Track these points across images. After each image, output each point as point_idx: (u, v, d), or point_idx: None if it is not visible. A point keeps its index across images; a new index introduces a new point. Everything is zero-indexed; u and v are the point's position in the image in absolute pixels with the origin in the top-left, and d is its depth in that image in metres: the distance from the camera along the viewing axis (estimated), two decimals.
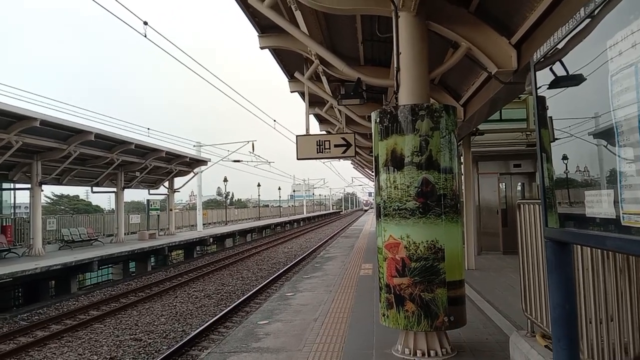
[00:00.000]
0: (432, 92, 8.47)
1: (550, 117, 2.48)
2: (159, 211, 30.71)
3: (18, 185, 20.57)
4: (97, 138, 18.61)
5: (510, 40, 5.95)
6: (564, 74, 2.30)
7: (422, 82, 5.51)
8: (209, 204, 73.79)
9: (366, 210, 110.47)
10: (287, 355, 5.51)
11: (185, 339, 9.47)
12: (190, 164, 29.37)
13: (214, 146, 35.73)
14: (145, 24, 13.10)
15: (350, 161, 32.78)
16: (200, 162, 30.78)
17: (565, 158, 2.38)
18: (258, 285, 15.54)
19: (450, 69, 6.89)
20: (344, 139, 10.79)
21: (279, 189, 78.47)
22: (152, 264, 23.39)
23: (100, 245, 22.43)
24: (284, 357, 5.46)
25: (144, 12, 14.85)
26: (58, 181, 21.69)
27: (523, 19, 5.55)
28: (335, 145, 10.64)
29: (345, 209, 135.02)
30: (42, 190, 19.45)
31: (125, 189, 25.36)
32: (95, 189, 24.94)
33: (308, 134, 11.16)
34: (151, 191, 29.68)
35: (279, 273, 18.04)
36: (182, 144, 61.08)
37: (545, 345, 3.81)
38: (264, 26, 9.22)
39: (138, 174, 25.15)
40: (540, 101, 2.52)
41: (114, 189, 25.13)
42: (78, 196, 65.82)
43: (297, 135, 10.85)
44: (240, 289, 15.67)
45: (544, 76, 2.50)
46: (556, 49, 2.33)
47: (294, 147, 10.83)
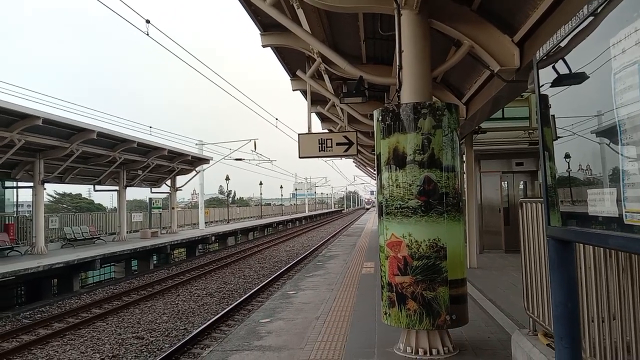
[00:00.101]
0: (435, 91, 8.46)
1: (553, 116, 2.47)
2: (161, 209, 30.74)
3: (20, 184, 20.64)
4: (100, 136, 18.63)
5: (512, 38, 5.94)
6: (567, 72, 2.29)
7: (425, 80, 5.50)
8: (211, 203, 73.92)
9: (368, 209, 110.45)
10: (289, 354, 5.51)
11: (188, 337, 9.49)
12: (193, 162, 29.38)
13: (216, 145, 35.73)
14: (148, 22, 13.11)
15: (352, 159, 32.81)
16: (203, 161, 30.79)
17: (567, 156, 2.37)
18: (260, 284, 15.56)
19: (453, 67, 6.87)
20: (346, 137, 10.78)
21: (281, 187, 78.47)
22: (155, 262, 23.41)
23: (103, 244, 22.47)
24: (286, 356, 5.46)
25: (145, 11, 14.83)
26: (60, 179, 21.72)
27: (526, 17, 5.53)
28: (338, 144, 10.63)
29: (347, 208, 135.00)
30: (45, 189, 19.50)
31: (127, 188, 25.37)
32: (97, 187, 24.95)
33: (310, 132, 11.15)
34: (153, 189, 29.71)
35: (281, 271, 18.05)
36: (184, 142, 61.18)
37: (548, 344, 3.81)
38: (266, 24, 9.22)
39: (140, 172, 25.18)
40: (543, 99, 2.52)
41: (116, 188, 25.15)
42: (80, 194, 65.99)
43: (299, 134, 10.85)
44: (242, 288, 15.69)
45: (546, 74, 2.49)
46: (559, 47, 2.32)
47: (296, 146, 10.83)
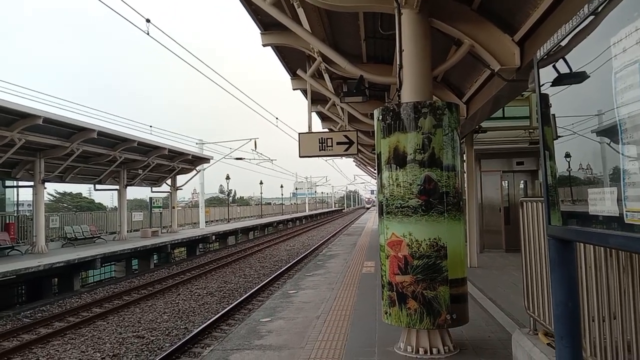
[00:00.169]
0: (435, 90, 8.46)
1: (554, 115, 2.47)
2: (161, 209, 30.75)
3: (21, 183, 20.65)
4: (100, 136, 18.64)
5: (513, 37, 5.94)
6: (567, 71, 2.29)
7: (425, 80, 5.50)
8: (212, 202, 73.94)
9: (368, 208, 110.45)
10: (290, 353, 5.52)
11: (188, 337, 9.50)
12: (193, 161, 29.40)
13: (216, 144, 35.68)
14: (148, 21, 13.11)
15: (352, 159, 32.79)
16: (203, 160, 30.81)
17: (568, 156, 2.37)
18: (260, 283, 15.56)
19: (453, 67, 6.88)
20: (346, 136, 10.79)
21: (281, 186, 78.47)
22: (155, 261, 23.43)
23: (103, 243, 22.49)
24: (287, 355, 5.47)
25: (145, 11, 14.84)
26: (61, 179, 21.74)
27: (526, 16, 5.53)
28: (338, 143, 10.64)
29: (347, 207, 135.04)
30: (45, 188, 19.54)
31: (127, 187, 25.39)
32: (98, 186, 24.96)
33: (310, 132, 11.16)
34: (154, 189, 29.72)
35: (281, 271, 18.06)
36: (185, 141, 61.17)
37: (548, 343, 3.81)
38: (266, 23, 9.22)
39: (141, 171, 25.19)
40: (544, 99, 2.52)
41: (117, 187, 25.16)
42: (81, 194, 66.06)
43: (300, 133, 10.85)
44: (242, 287, 15.69)
45: (547, 73, 2.49)
46: (559, 46, 2.32)
47: (296, 145, 10.84)
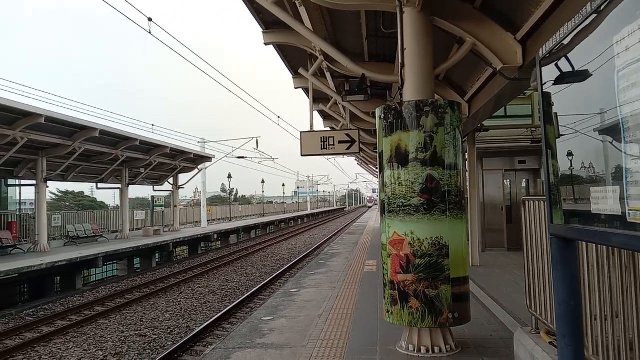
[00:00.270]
0: (437, 88, 8.45)
1: (556, 113, 2.47)
2: (163, 207, 30.79)
3: (23, 182, 20.67)
4: (102, 134, 18.65)
5: (515, 36, 5.92)
6: (570, 69, 2.29)
7: (427, 78, 5.49)
8: (213, 201, 73.95)
9: (370, 207, 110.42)
10: (292, 351, 5.52)
11: (190, 335, 9.52)
12: (195, 160, 29.42)
13: (218, 143, 35.80)
14: (150, 20, 13.12)
15: (354, 157, 32.79)
16: (205, 159, 30.83)
17: (570, 154, 2.36)
18: (262, 282, 15.57)
19: (455, 65, 6.87)
20: (348, 135, 10.79)
21: (283, 185, 78.57)
22: (157, 260, 23.47)
23: (105, 242, 22.54)
24: (289, 353, 5.47)
25: (147, 10, 14.84)
26: (63, 177, 21.77)
27: (528, 15, 5.52)
28: (340, 142, 10.65)
29: (349, 206, 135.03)
30: (47, 187, 19.57)
31: (129, 186, 25.42)
32: (100, 185, 25.01)
33: (312, 131, 11.16)
34: (156, 187, 29.76)
35: (283, 269, 18.07)
36: (187, 140, 61.20)
37: (550, 342, 3.81)
38: (268, 22, 9.21)
39: (143, 170, 25.20)
40: (546, 97, 2.51)
41: (119, 186, 25.19)
42: (83, 192, 66.05)
43: (302, 132, 10.86)
44: (244, 285, 15.71)
45: (549, 72, 2.48)
46: (562, 44, 2.32)
47: (298, 144, 10.84)
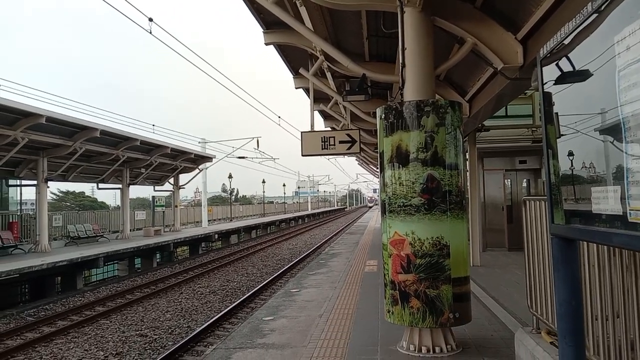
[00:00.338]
0: (438, 88, 8.44)
1: (557, 113, 2.47)
2: (164, 207, 30.79)
3: (24, 182, 20.68)
4: (103, 134, 18.66)
5: (516, 35, 5.92)
6: (571, 69, 2.29)
7: (428, 78, 5.49)
8: (214, 201, 73.95)
9: (370, 207, 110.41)
10: (292, 351, 5.52)
11: (191, 335, 9.52)
12: (195, 160, 29.43)
13: (218, 143, 35.81)
14: (151, 20, 13.12)
15: (355, 158, 32.78)
16: (205, 159, 30.84)
17: (571, 154, 2.36)
18: (263, 282, 15.58)
19: (456, 65, 6.86)
20: (348, 135, 10.79)
21: (284, 185, 78.56)
22: (158, 260, 23.48)
23: (106, 242, 22.54)
24: (289, 353, 5.47)
25: (148, 10, 14.85)
26: (64, 178, 21.78)
27: (529, 15, 5.51)
28: (340, 142, 10.64)
29: (349, 206, 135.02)
30: (48, 187, 19.57)
31: (130, 186, 25.42)
32: (100, 185, 25.01)
33: (313, 131, 11.16)
34: (156, 188, 29.76)
35: (283, 269, 18.07)
36: (187, 140, 61.21)
37: (551, 342, 3.80)
38: (268, 22, 9.22)
39: (143, 170, 25.21)
40: (547, 97, 2.51)
41: (120, 186, 25.20)
42: (84, 193, 66.08)
43: (302, 132, 10.86)
44: (245, 285, 15.72)
45: (550, 72, 2.48)
46: (562, 44, 2.32)
47: (298, 144, 10.84)
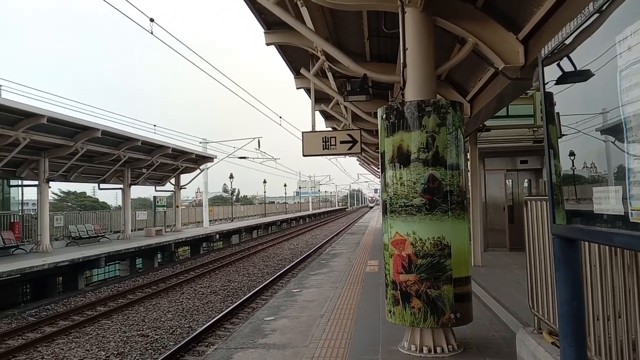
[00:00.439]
0: (439, 88, 8.44)
1: (558, 113, 2.46)
2: (165, 208, 30.82)
3: (25, 182, 20.69)
4: (104, 135, 18.68)
5: (517, 35, 5.92)
6: (572, 69, 2.28)
7: (429, 78, 5.49)
8: (215, 201, 74.02)
9: (371, 207, 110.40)
10: (294, 352, 5.52)
11: (192, 335, 9.52)
12: (197, 160, 29.45)
13: (220, 143, 35.80)
14: (152, 20, 13.12)
15: (356, 158, 32.78)
16: (207, 159, 30.86)
17: (572, 154, 2.36)
18: (264, 282, 15.59)
19: (457, 65, 6.85)
20: (350, 135, 10.78)
21: (285, 185, 78.58)
22: (159, 260, 23.50)
23: (107, 242, 22.56)
24: (291, 353, 5.47)
25: (149, 10, 14.87)
26: (65, 178, 21.81)
27: (530, 15, 5.51)
28: (341, 142, 10.63)
29: (350, 206, 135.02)
30: (50, 187, 19.58)
31: (132, 186, 25.44)
32: (102, 185, 25.03)
33: (314, 131, 11.15)
34: (158, 188, 29.79)
35: (285, 269, 18.07)
36: (188, 140, 61.26)
37: (552, 342, 3.80)
38: (269, 22, 9.22)
39: (145, 170, 25.24)
40: (548, 97, 2.51)
41: (121, 186, 25.22)
42: (85, 193, 66.18)
43: (303, 132, 10.85)
44: (246, 285, 15.72)
45: (551, 72, 2.48)
46: (564, 44, 2.31)
47: (299, 144, 10.84)
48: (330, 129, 18.51)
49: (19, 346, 9.55)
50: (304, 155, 10.79)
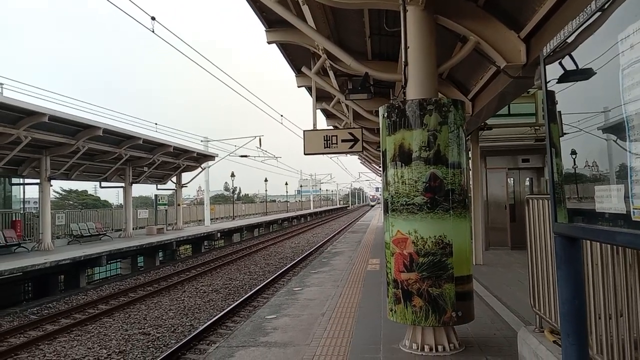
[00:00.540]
0: (440, 87, 8.42)
1: (560, 112, 2.46)
2: (166, 206, 30.84)
3: (27, 180, 20.71)
4: (105, 133, 18.69)
5: (519, 34, 5.91)
6: (574, 68, 2.28)
7: (430, 77, 5.48)
8: (217, 199, 74.07)
9: (373, 206, 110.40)
10: (295, 350, 5.53)
11: (194, 333, 9.54)
12: (198, 159, 29.46)
13: (221, 141, 35.67)
14: (153, 19, 13.12)
15: (357, 156, 32.77)
16: (208, 157, 30.86)
17: (574, 153, 2.36)
18: (265, 280, 15.60)
19: (459, 63, 6.85)
20: (351, 134, 10.78)
21: (286, 184, 78.60)
22: (160, 258, 23.51)
23: (109, 240, 22.59)
24: (292, 352, 5.48)
25: (150, 9, 14.86)
26: (67, 176, 21.83)
27: (532, 13, 5.50)
28: (343, 140, 10.64)
29: (352, 205, 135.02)
30: (51, 185, 19.59)
31: (133, 184, 25.45)
32: (103, 184, 25.06)
33: (315, 129, 11.16)
34: (159, 186, 29.81)
35: (286, 268, 18.08)
36: (190, 139, 61.30)
37: (554, 341, 3.80)
38: (271, 21, 9.21)
39: (146, 169, 25.25)
40: (550, 96, 2.51)
41: (122, 184, 25.24)
42: (86, 191, 66.20)
43: (305, 131, 10.85)
44: (247, 284, 15.73)
45: (553, 70, 2.48)
46: (566, 43, 2.31)
47: (301, 142, 10.84)
48: (331, 127, 18.51)
49: (21, 344, 9.57)
50: (305, 154, 10.80)
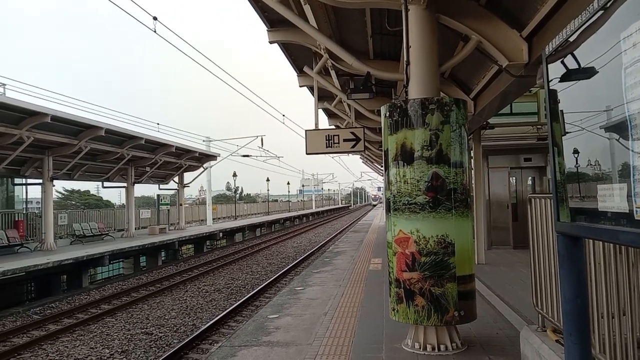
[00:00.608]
0: (442, 86, 8.41)
1: (562, 111, 2.46)
2: (169, 206, 30.85)
3: (30, 181, 20.76)
4: (108, 133, 18.71)
5: (521, 33, 5.90)
6: (576, 67, 2.28)
7: (432, 76, 5.48)
8: (219, 199, 74.11)
9: (375, 205, 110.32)
10: (297, 349, 5.53)
11: (196, 333, 9.55)
12: (200, 159, 29.48)
13: (223, 141, 35.65)
14: (155, 19, 13.14)
15: (359, 156, 32.78)
16: (210, 157, 30.88)
17: (576, 152, 2.35)
18: (268, 280, 15.61)
19: (461, 63, 6.84)
20: (353, 133, 10.78)
21: (288, 183, 78.57)
22: (163, 258, 23.54)
23: (111, 240, 22.62)
24: (294, 351, 5.48)
25: (152, 9, 14.88)
26: (69, 176, 21.87)
27: (534, 12, 5.49)
28: (345, 140, 10.63)
29: (354, 204, 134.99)
30: (54, 186, 19.64)
31: (135, 184, 25.48)
32: (105, 184, 25.12)
33: (317, 129, 11.15)
34: (161, 186, 29.86)
35: (288, 267, 18.10)
36: (192, 139, 61.35)
37: (557, 340, 3.80)
38: (272, 21, 9.21)
39: (148, 169, 25.29)
40: (552, 94, 2.50)
41: (125, 184, 25.28)
42: (89, 191, 66.26)
43: (306, 130, 10.85)
44: (250, 283, 15.75)
45: (555, 69, 2.47)
46: (568, 41, 2.30)
47: (303, 142, 10.84)
48: (333, 127, 18.51)
49: (24, 344, 9.60)
50: (307, 154, 10.81)
